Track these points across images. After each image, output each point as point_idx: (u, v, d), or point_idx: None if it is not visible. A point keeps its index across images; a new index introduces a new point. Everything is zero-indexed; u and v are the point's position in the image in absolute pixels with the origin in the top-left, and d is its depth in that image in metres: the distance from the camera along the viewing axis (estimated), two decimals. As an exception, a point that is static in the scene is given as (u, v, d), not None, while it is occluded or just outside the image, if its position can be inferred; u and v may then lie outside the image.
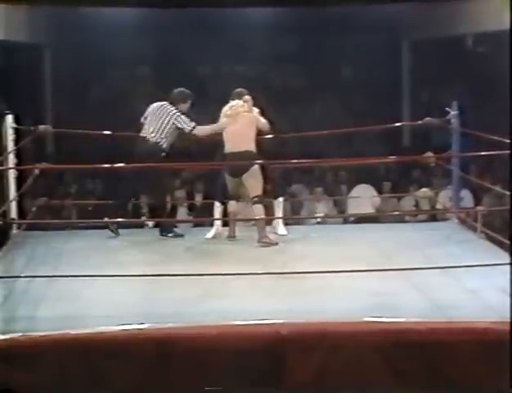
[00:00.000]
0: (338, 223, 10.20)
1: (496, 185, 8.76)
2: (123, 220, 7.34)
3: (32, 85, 13.22)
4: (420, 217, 10.73)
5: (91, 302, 5.20)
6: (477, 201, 10.29)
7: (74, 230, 7.87)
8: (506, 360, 4.50)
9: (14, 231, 7.23)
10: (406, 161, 11.56)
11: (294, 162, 9.39)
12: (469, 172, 9.94)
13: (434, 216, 10.11)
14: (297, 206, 10.99)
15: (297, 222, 8.73)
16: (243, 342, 4.61)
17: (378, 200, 11.04)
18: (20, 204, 7.41)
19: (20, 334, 4.57)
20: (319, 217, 10.09)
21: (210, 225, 7.47)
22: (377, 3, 12.73)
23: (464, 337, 4.61)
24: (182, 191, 11.00)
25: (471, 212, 8.12)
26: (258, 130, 7.16)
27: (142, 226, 8.95)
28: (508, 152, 5.48)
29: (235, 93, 7.29)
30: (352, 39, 13.77)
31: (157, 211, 7.54)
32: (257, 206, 6.97)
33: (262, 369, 4.57)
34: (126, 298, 5.26)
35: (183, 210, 10.71)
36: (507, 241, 6.22)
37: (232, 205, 7.20)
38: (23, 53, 12.86)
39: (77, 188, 11.65)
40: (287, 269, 5.77)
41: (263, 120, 7.24)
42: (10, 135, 7.24)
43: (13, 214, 7.18)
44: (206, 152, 8.28)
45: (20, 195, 7.28)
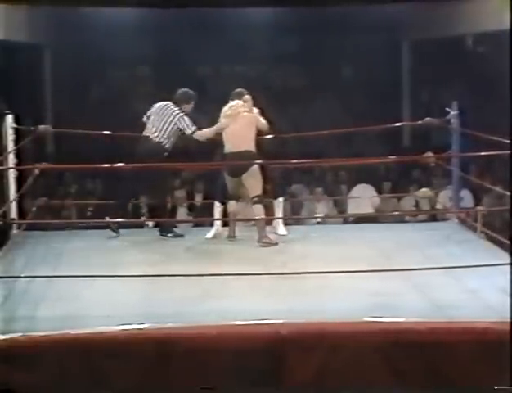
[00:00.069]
0: (338, 223, 10.19)
1: (496, 185, 8.75)
2: (123, 221, 7.33)
3: (32, 85, 13.21)
4: (420, 217, 10.72)
5: (91, 302, 5.20)
6: (477, 201, 10.29)
7: (74, 230, 7.88)
8: (506, 360, 4.50)
9: (14, 231, 7.23)
10: (406, 161, 11.55)
11: (294, 162, 9.38)
12: (469, 172, 9.93)
13: (434, 216, 10.11)
14: (297, 206, 10.99)
15: (297, 222, 8.73)
16: (243, 342, 4.60)
17: (377, 200, 11.04)
18: (20, 204, 7.41)
19: (20, 334, 4.57)
20: (319, 217, 10.08)
21: (210, 225, 7.48)
22: (377, 3, 12.73)
23: (464, 337, 4.61)
24: (182, 191, 11.00)
25: (471, 212, 8.12)
26: (258, 130, 7.16)
27: (142, 226, 8.95)
28: (508, 152, 5.49)
29: (235, 93, 7.28)
30: (352, 39, 13.76)
31: (157, 211, 7.54)
32: (257, 206, 6.97)
33: (262, 369, 4.57)
34: (126, 298, 5.26)
35: (183, 210, 10.71)
36: (507, 241, 6.23)
37: (232, 205, 7.20)
38: (23, 53, 12.85)
39: (77, 188, 11.64)
40: (287, 269, 5.76)
41: (263, 120, 7.23)
42: (10, 135, 7.24)
43: (13, 214, 7.18)
44: (206, 152, 8.28)
45: (20, 195, 7.28)
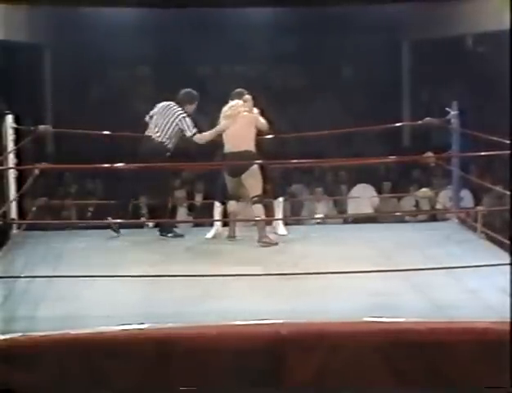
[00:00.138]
0: (338, 223, 10.19)
1: (496, 185, 8.75)
2: (126, 221, 7.33)
3: (32, 85, 13.21)
4: (420, 217, 10.72)
5: (91, 302, 5.20)
6: (477, 201, 10.29)
7: (74, 230, 7.87)
8: (506, 360, 4.50)
9: (14, 231, 7.23)
10: (406, 161, 11.55)
11: (294, 162, 9.38)
12: (469, 172, 9.93)
13: (434, 216, 10.11)
14: (297, 206, 10.99)
15: (297, 222, 8.73)
16: (243, 342, 4.60)
17: (377, 199, 11.04)
18: (20, 204, 7.41)
19: (20, 334, 4.57)
20: (318, 218, 10.08)
21: (210, 225, 7.48)
22: (377, 3, 12.73)
23: (464, 337, 4.61)
24: (182, 191, 10.99)
25: (471, 212, 8.12)
26: (258, 130, 7.16)
27: (142, 226, 8.95)
28: (508, 152, 5.49)
29: (235, 93, 7.28)
30: (352, 39, 13.76)
31: (157, 211, 7.53)
32: (257, 206, 6.96)
33: (262, 369, 4.57)
34: (126, 298, 5.26)
35: (183, 210, 10.71)
36: (507, 241, 6.23)
37: (232, 205, 7.19)
38: (23, 53, 12.85)
39: (77, 188, 11.64)
40: (287, 269, 5.75)
41: (263, 120, 7.23)
42: (10, 135, 7.23)
43: (13, 214, 7.18)
44: (206, 152, 8.28)
45: (20, 195, 7.28)
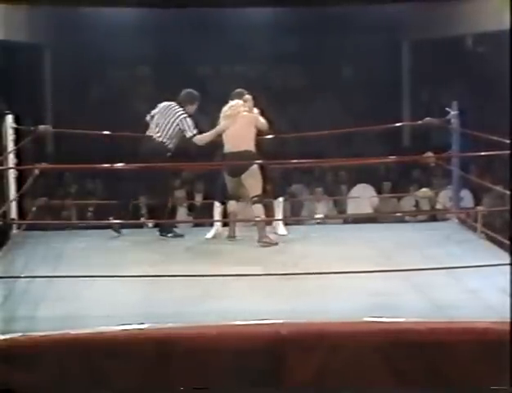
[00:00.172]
0: (338, 223, 10.19)
1: (496, 185, 8.75)
2: (126, 222, 7.32)
3: (32, 85, 13.21)
4: (420, 217, 10.72)
5: (91, 302, 5.20)
6: (477, 201, 10.29)
7: (74, 230, 7.87)
8: (506, 360, 4.50)
9: (14, 231, 7.23)
10: (406, 161, 11.55)
11: (294, 162, 9.38)
12: (469, 172, 9.93)
13: (434, 216, 10.11)
14: (297, 206, 10.99)
15: (297, 222, 8.73)
16: (243, 342, 4.60)
17: (376, 199, 11.04)
18: (20, 204, 7.41)
19: (20, 334, 4.57)
20: (318, 218, 10.08)
21: (210, 225, 7.48)
22: (377, 3, 12.72)
23: (464, 337, 4.61)
24: (182, 191, 10.99)
25: (471, 212, 8.12)
26: (258, 130, 7.16)
27: (142, 226, 8.95)
28: (508, 152, 5.49)
29: (235, 94, 7.27)
30: (352, 39, 13.75)
31: (157, 211, 7.53)
32: (256, 206, 6.96)
33: (262, 369, 4.57)
34: (126, 298, 5.26)
35: (183, 210, 10.71)
36: (507, 241, 6.23)
37: (232, 205, 7.19)
38: (23, 53, 12.85)
39: (77, 188, 11.64)
40: (287, 269, 5.76)
41: (263, 120, 7.23)
42: (10, 135, 7.23)
43: (13, 214, 7.18)
44: (206, 152, 8.28)
45: (20, 195, 7.28)
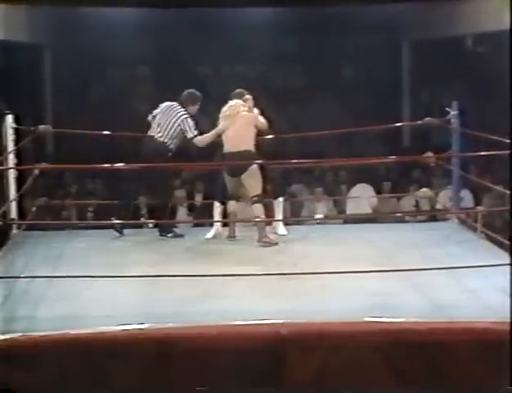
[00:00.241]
0: (338, 223, 10.18)
1: (496, 185, 8.75)
2: (126, 222, 7.32)
3: (32, 85, 13.21)
4: (420, 217, 10.72)
5: (91, 302, 5.20)
6: (477, 201, 10.29)
7: (74, 230, 7.87)
8: (506, 360, 4.50)
9: (14, 231, 7.22)
10: (406, 161, 11.55)
11: (294, 162, 9.38)
12: (469, 172, 9.93)
13: (434, 216, 10.11)
14: (297, 206, 10.99)
15: (297, 222, 8.73)
16: (243, 342, 4.60)
17: (375, 199, 11.04)
18: (20, 204, 7.41)
19: (20, 334, 4.57)
20: (318, 219, 10.08)
21: (210, 225, 7.48)
22: (377, 3, 12.73)
23: (464, 337, 4.61)
24: (182, 191, 11.00)
25: (471, 212, 8.12)
26: (258, 130, 7.16)
27: (142, 226, 8.95)
28: (508, 152, 5.48)
29: (235, 94, 7.27)
30: (352, 39, 13.76)
31: (157, 212, 7.52)
32: (256, 206, 6.96)
33: (262, 369, 4.57)
34: (126, 298, 5.26)
35: (183, 210, 10.71)
36: (507, 241, 6.22)
37: (232, 205, 7.19)
38: (23, 53, 12.85)
39: (77, 188, 11.64)
40: (287, 269, 5.76)
41: (262, 120, 7.22)
42: (10, 135, 7.23)
43: (13, 214, 7.18)
44: (206, 152, 8.28)
45: (20, 195, 7.28)
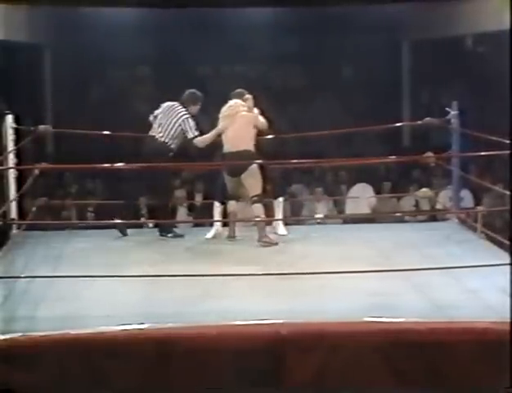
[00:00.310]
0: (338, 223, 10.18)
1: (496, 185, 8.75)
2: (126, 222, 7.32)
3: (32, 85, 13.21)
4: (420, 217, 10.72)
5: (91, 302, 5.20)
6: (477, 201, 10.29)
7: (74, 230, 7.87)
8: (506, 360, 4.50)
9: (14, 231, 7.22)
10: (406, 161, 11.54)
11: (294, 162, 9.38)
12: (469, 172, 9.93)
13: (434, 216, 10.11)
14: (297, 206, 10.99)
15: (297, 222, 8.73)
16: (243, 342, 4.60)
17: (374, 199, 11.04)
18: (20, 204, 7.41)
19: (20, 334, 4.57)
20: (318, 218, 10.08)
21: (210, 225, 7.48)
22: (377, 3, 12.73)
23: (464, 337, 4.61)
24: (182, 191, 11.00)
25: (471, 212, 8.12)
26: (258, 130, 7.16)
27: (142, 226, 8.95)
28: (508, 152, 5.49)
29: (235, 94, 7.27)
30: (352, 39, 13.76)
31: (158, 212, 7.52)
32: (256, 206, 6.96)
33: (262, 369, 4.57)
34: (126, 298, 5.26)
35: (183, 210, 10.71)
36: (507, 241, 6.22)
37: (232, 205, 7.19)
38: (23, 53, 12.86)
39: (77, 188, 11.64)
40: (287, 269, 5.76)
41: (262, 120, 7.22)
42: (10, 135, 7.23)
43: (13, 214, 7.18)
44: (206, 152, 8.28)
45: (20, 195, 7.28)
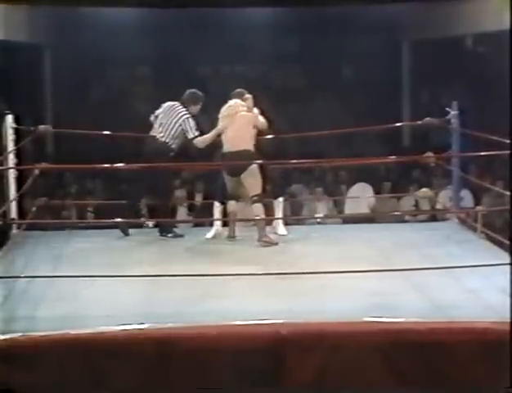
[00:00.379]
0: (338, 223, 10.19)
1: (496, 185, 8.75)
2: (127, 221, 7.32)
3: (32, 85, 13.21)
4: (420, 217, 10.73)
5: (91, 302, 5.20)
6: (477, 201, 10.29)
7: (74, 230, 7.87)
8: (506, 360, 4.50)
9: (14, 231, 7.22)
10: (406, 161, 11.54)
11: (294, 162, 9.38)
12: (469, 172, 9.93)
13: (434, 216, 10.11)
14: (297, 206, 10.99)
15: (297, 222, 8.73)
16: (243, 342, 4.60)
17: (373, 199, 11.04)
18: (20, 204, 7.41)
19: (20, 334, 4.57)
20: (318, 217, 10.08)
21: (210, 225, 7.47)
22: (377, 3, 12.73)
23: (464, 337, 4.61)
24: (182, 190, 11.00)
25: (471, 212, 8.12)
26: (258, 130, 7.16)
27: (142, 226, 8.95)
28: (508, 152, 5.49)
29: (235, 94, 7.27)
30: (352, 39, 13.76)
31: (159, 212, 7.52)
32: (256, 205, 6.96)
33: (262, 369, 4.57)
34: (126, 298, 5.26)
35: (183, 210, 10.71)
36: (507, 241, 6.22)
37: (232, 204, 7.19)
38: (23, 53, 12.86)
39: (77, 188, 11.64)
40: (287, 269, 5.75)
41: (262, 119, 7.22)
42: (10, 135, 7.23)
43: (13, 214, 7.18)
44: (206, 152, 8.28)
45: (20, 195, 7.28)
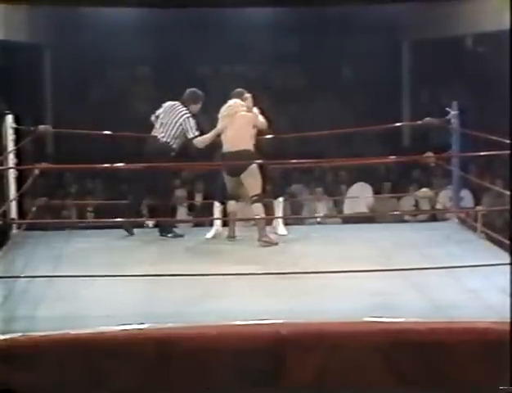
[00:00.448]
0: (338, 223, 10.19)
1: (496, 185, 8.75)
2: (127, 220, 7.32)
3: (32, 85, 13.21)
4: (420, 217, 10.73)
5: (91, 302, 5.20)
6: (477, 201, 10.30)
7: (74, 230, 7.87)
8: (506, 360, 4.50)
9: (14, 231, 7.22)
10: (406, 161, 11.54)
11: (294, 162, 9.38)
12: (469, 172, 9.93)
13: (434, 216, 10.11)
14: (297, 206, 11.00)
15: (297, 222, 8.73)
16: (243, 342, 4.60)
17: (372, 199, 11.04)
18: (20, 204, 7.41)
19: (20, 334, 4.57)
20: (318, 217, 10.08)
21: (210, 225, 7.48)
22: (377, 3, 12.73)
23: (464, 337, 4.61)
24: (183, 190, 11.00)
25: (471, 212, 8.12)
26: (258, 130, 7.16)
27: (142, 226, 8.95)
28: (508, 152, 5.49)
29: (234, 93, 7.27)
30: (352, 39, 13.75)
31: (159, 212, 7.53)
32: (256, 205, 6.95)
33: (262, 369, 4.57)
34: (126, 298, 5.26)
35: (183, 210, 10.72)
36: (507, 241, 6.22)
37: (232, 204, 7.19)
38: (23, 53, 12.86)
39: (77, 188, 11.64)
40: (287, 269, 5.76)
41: (262, 119, 7.22)
42: (10, 135, 7.23)
43: (13, 214, 7.18)
44: (206, 152, 8.28)
45: (20, 195, 7.28)
